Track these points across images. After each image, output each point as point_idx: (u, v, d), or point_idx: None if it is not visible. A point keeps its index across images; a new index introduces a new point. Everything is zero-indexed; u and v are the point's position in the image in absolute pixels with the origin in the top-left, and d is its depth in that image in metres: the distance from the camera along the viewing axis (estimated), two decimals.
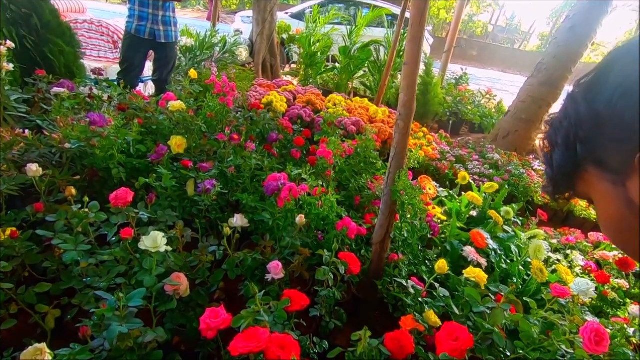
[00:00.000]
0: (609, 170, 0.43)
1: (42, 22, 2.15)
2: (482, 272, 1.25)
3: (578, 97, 0.45)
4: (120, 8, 14.85)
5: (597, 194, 0.46)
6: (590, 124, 0.43)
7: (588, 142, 0.44)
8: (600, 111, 0.42)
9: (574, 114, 0.45)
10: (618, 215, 0.44)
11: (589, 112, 0.43)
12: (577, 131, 0.45)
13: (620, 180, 0.42)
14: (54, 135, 1.46)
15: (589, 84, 0.44)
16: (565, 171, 0.48)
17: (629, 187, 0.41)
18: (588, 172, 0.46)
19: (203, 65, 3.44)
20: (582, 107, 0.44)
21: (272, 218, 1.42)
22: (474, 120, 5.26)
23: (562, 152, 0.47)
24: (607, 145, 0.43)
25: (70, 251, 1.05)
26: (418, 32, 1.17)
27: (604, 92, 0.42)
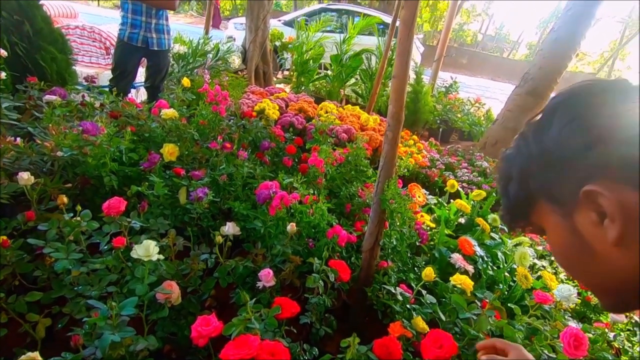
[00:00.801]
0: (558, 203, 0.47)
1: (34, 28, 2.16)
2: (468, 279, 1.28)
3: (528, 135, 0.49)
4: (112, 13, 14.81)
5: (549, 224, 0.50)
6: (540, 161, 0.47)
7: (539, 177, 0.48)
8: (548, 149, 0.46)
9: (525, 151, 0.49)
10: (567, 244, 0.48)
11: (538, 150, 0.47)
12: (528, 167, 0.49)
13: (569, 213, 0.46)
14: (45, 144, 1.46)
15: (537, 124, 0.49)
16: (519, 203, 0.52)
17: (576, 219, 0.45)
18: (540, 204, 0.49)
19: (195, 73, 3.46)
20: (532, 145, 0.48)
21: (263, 226, 1.44)
22: (463, 128, 5.35)
23: (516, 186, 0.51)
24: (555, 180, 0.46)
25: (62, 260, 1.05)
26: (406, 47, 1.21)
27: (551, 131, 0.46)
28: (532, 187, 0.49)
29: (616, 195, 0.40)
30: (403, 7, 1.25)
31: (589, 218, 0.43)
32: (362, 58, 5.03)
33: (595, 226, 0.43)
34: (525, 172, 0.50)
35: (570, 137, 0.44)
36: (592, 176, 0.42)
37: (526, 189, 0.50)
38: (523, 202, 0.51)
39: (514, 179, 0.52)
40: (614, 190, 0.41)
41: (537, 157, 0.48)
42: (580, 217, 0.45)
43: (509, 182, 0.53)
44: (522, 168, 0.50)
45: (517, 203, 0.52)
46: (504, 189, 0.54)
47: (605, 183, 0.41)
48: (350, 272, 1.34)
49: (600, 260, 0.44)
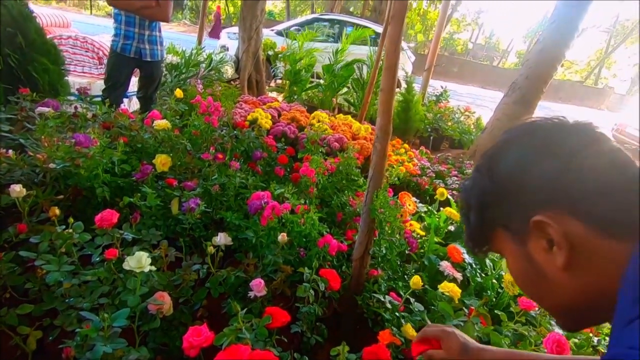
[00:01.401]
0: (513, 232, 0.51)
1: (27, 40, 2.17)
2: (456, 286, 1.31)
3: (483, 169, 0.53)
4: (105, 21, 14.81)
5: (506, 251, 0.54)
6: (494, 193, 0.51)
7: (494, 208, 0.52)
8: (501, 182, 0.51)
9: (480, 183, 0.53)
10: (522, 269, 0.52)
11: (492, 184, 0.51)
12: (484, 199, 0.53)
13: (522, 240, 0.50)
14: (38, 155, 1.47)
15: (491, 158, 0.53)
16: (479, 231, 0.56)
17: (529, 246, 0.49)
18: (497, 232, 0.53)
19: (188, 82, 3.49)
20: (486, 178, 0.52)
21: (255, 236, 1.46)
22: (454, 136, 5.43)
23: (474, 215, 0.55)
24: (509, 211, 0.51)
25: (54, 272, 1.06)
26: (393, 61, 1.25)
27: (504, 166, 0.50)
28: (489, 217, 0.53)
29: (562, 225, 0.45)
30: (390, 23, 1.29)
31: (540, 245, 0.48)
32: (354, 68, 5.11)
33: (546, 253, 0.47)
34: (481, 203, 0.53)
35: (521, 171, 0.49)
36: (540, 207, 0.46)
37: (484, 218, 0.54)
38: (482, 230, 0.55)
39: (472, 209, 0.55)
40: (560, 220, 0.45)
41: (491, 190, 0.52)
42: (532, 244, 0.49)
43: (468, 212, 0.56)
44: (479, 199, 0.54)
45: (476, 231, 0.56)
46: (465, 218, 0.58)
47: (553, 214, 0.46)
48: (341, 280, 1.36)
49: (552, 284, 0.48)
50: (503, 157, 0.51)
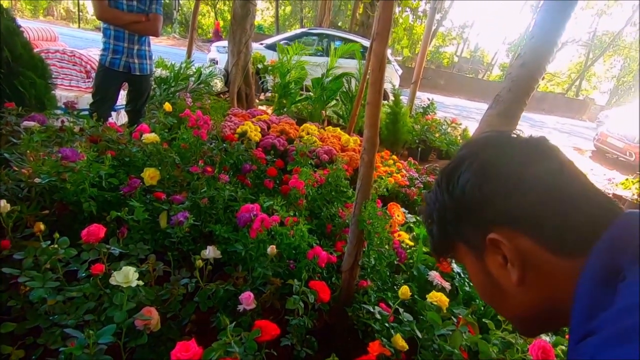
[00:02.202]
0: (471, 247, 0.53)
1: (13, 55, 2.16)
2: (444, 296, 1.32)
3: (443, 185, 0.54)
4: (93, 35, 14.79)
5: (467, 263, 0.56)
6: (452, 209, 0.53)
7: (453, 223, 0.54)
8: (457, 198, 0.52)
9: (440, 198, 0.54)
10: (482, 282, 0.54)
11: (449, 199, 0.53)
12: (444, 214, 0.54)
13: (480, 255, 0.52)
14: (23, 170, 1.45)
15: (448, 174, 0.54)
16: (441, 243, 0.57)
17: (486, 261, 0.51)
18: (458, 245, 0.55)
19: (177, 96, 3.49)
20: (445, 194, 0.53)
21: (244, 249, 1.46)
22: (441, 147, 5.53)
23: (437, 228, 0.57)
24: (466, 227, 0.52)
25: (38, 288, 1.04)
26: (378, 77, 1.29)
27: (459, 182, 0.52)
28: (450, 231, 0.55)
29: (514, 242, 0.47)
30: (375, 39, 1.33)
31: (496, 261, 0.49)
32: (343, 81, 5.19)
33: (502, 268, 0.49)
34: (442, 218, 0.55)
35: (475, 188, 0.50)
36: (494, 225, 0.48)
37: (445, 232, 0.55)
38: (444, 243, 0.57)
39: (434, 222, 0.57)
40: (513, 238, 0.47)
41: (449, 206, 0.53)
42: (489, 259, 0.51)
43: (431, 224, 0.58)
44: (439, 214, 0.55)
45: (439, 243, 0.58)
46: (428, 229, 0.60)
47: (506, 231, 0.47)
48: (331, 292, 1.36)
49: (508, 297, 0.50)
50: (459, 174, 0.52)
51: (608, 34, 27.24)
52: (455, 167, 0.53)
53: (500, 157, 0.50)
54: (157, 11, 2.51)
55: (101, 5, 2.31)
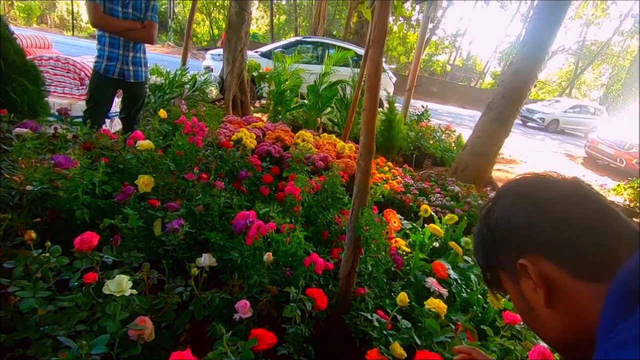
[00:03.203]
0: (508, 274, 0.58)
1: (6, 61, 2.14)
2: (442, 302, 1.32)
3: (482, 219, 0.61)
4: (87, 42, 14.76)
5: (508, 289, 0.60)
6: (490, 240, 0.59)
7: (492, 252, 0.59)
8: (493, 230, 0.58)
9: (481, 232, 0.61)
10: (521, 306, 0.58)
11: (487, 231, 0.59)
12: (484, 245, 0.61)
13: (516, 280, 0.56)
14: (14, 178, 1.43)
15: (487, 210, 0.61)
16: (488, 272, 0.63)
17: (521, 285, 0.56)
18: (500, 273, 0.60)
19: (172, 103, 3.48)
20: (484, 227, 0.60)
21: (240, 256, 1.44)
22: (435, 154, 5.56)
23: (482, 259, 0.63)
24: (501, 255, 0.58)
25: (28, 298, 1.02)
26: (374, 83, 1.29)
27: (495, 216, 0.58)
28: (490, 261, 0.61)
29: (538, 267, 0.52)
30: (371, 47, 1.34)
31: (528, 285, 0.54)
32: (338, 88, 5.22)
33: (533, 291, 0.53)
34: (484, 249, 0.61)
35: (505, 219, 0.57)
36: (523, 252, 0.54)
37: (487, 261, 0.61)
38: (490, 273, 0.62)
39: (479, 252, 0.63)
40: (537, 263, 0.52)
41: (487, 237, 0.60)
42: (523, 284, 0.55)
43: (478, 256, 0.64)
44: (482, 245, 0.62)
45: (486, 273, 0.63)
46: (477, 261, 0.66)
47: (531, 257, 0.52)
48: (328, 299, 1.35)
49: (542, 320, 0.54)
50: (495, 208, 0.59)
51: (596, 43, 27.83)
52: (492, 203, 0.61)
53: (526, 192, 0.57)
54: (153, 18, 2.51)
55: (96, 12, 2.31)
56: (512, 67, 4.45)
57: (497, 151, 4.70)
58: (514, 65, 4.44)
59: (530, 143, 11.50)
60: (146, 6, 2.48)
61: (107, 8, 2.34)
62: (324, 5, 14.50)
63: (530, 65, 4.29)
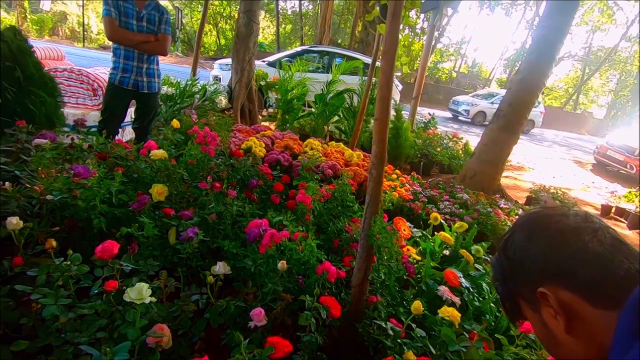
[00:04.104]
0: (528, 302, 0.61)
1: (25, 74, 2.21)
2: (455, 311, 1.31)
3: (501, 249, 0.64)
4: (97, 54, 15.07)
5: (528, 317, 0.63)
6: (509, 269, 0.62)
7: (512, 281, 0.62)
8: (512, 260, 0.61)
9: (499, 261, 0.64)
10: (542, 333, 0.61)
11: (506, 261, 0.62)
12: (504, 274, 0.64)
13: (537, 308, 0.59)
14: (35, 187, 1.46)
15: (505, 241, 0.64)
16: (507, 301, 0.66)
17: (542, 313, 0.58)
18: (520, 302, 0.63)
19: (183, 113, 3.54)
20: (503, 257, 0.63)
21: (253, 264, 1.45)
22: (443, 161, 5.56)
23: (502, 288, 0.65)
24: (521, 284, 0.61)
25: (50, 306, 1.04)
26: (386, 93, 1.32)
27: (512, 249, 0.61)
28: (510, 289, 0.63)
29: (557, 295, 0.55)
30: (382, 58, 1.37)
31: (548, 313, 0.57)
32: (345, 97, 5.27)
33: (553, 319, 0.56)
34: (503, 278, 0.64)
35: (523, 250, 0.60)
36: (542, 281, 0.57)
37: (507, 290, 0.64)
38: (510, 301, 0.65)
39: (499, 281, 0.65)
40: (556, 291, 0.55)
41: (507, 267, 0.62)
42: (544, 312, 0.58)
43: (497, 285, 0.67)
44: (501, 275, 0.64)
45: (506, 301, 0.66)
46: (496, 289, 0.68)
47: (551, 286, 0.55)
48: (341, 308, 1.35)
49: (563, 346, 0.56)
50: (513, 240, 0.62)
51: (603, 50, 27.70)
52: (511, 234, 0.63)
53: (542, 225, 0.60)
54: (166, 31, 2.58)
55: (112, 26, 2.38)
56: (519, 75, 4.46)
57: (505, 158, 4.68)
58: (520, 73, 4.45)
59: (537, 150, 11.43)
60: (160, 20, 2.55)
61: (123, 22, 2.41)
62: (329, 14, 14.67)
63: (537, 73, 4.29)
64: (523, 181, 6.64)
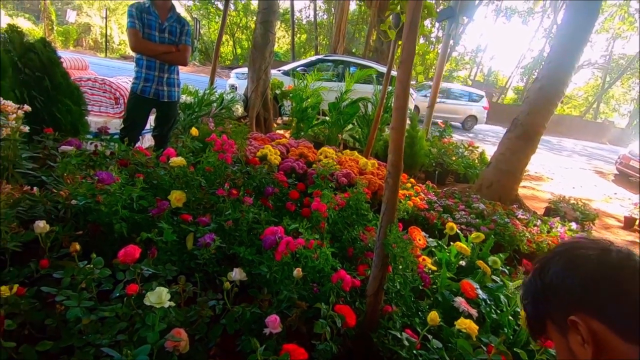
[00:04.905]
0: (557, 325, 0.63)
1: (53, 83, 2.31)
2: (472, 323, 1.29)
3: (537, 271, 0.67)
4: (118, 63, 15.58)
5: (554, 340, 0.65)
6: (543, 293, 0.65)
7: (543, 304, 0.65)
8: (547, 285, 0.64)
9: (534, 283, 0.67)
10: (566, 357, 0.62)
11: (541, 285, 0.65)
12: (536, 296, 0.66)
13: (564, 333, 0.61)
14: (60, 192, 1.52)
15: (542, 265, 0.67)
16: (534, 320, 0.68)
17: (569, 338, 0.60)
18: (548, 323, 0.65)
19: (201, 121, 3.62)
20: (538, 280, 0.66)
21: (269, 271, 1.46)
22: (458, 170, 5.49)
23: (531, 307, 0.68)
24: (553, 308, 0.63)
25: (74, 308, 1.07)
26: (402, 103, 1.32)
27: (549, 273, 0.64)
28: (540, 310, 0.66)
29: (588, 324, 0.57)
30: (399, 68, 1.38)
31: (576, 340, 0.58)
32: (359, 105, 5.29)
33: (581, 346, 0.57)
34: (535, 299, 0.67)
35: (560, 278, 0.62)
36: (575, 309, 0.59)
37: (537, 310, 0.67)
38: (537, 320, 0.67)
39: (530, 302, 0.68)
40: (588, 321, 0.57)
41: (541, 290, 0.65)
42: (571, 337, 0.60)
43: (526, 304, 0.69)
44: (533, 296, 0.67)
45: (533, 320, 0.68)
46: (525, 308, 0.70)
47: (582, 315, 0.58)
48: (356, 317, 1.35)
49: None
50: (551, 265, 0.65)
51: (625, 57, 27.03)
52: (548, 259, 0.66)
53: (583, 256, 0.62)
54: (187, 42, 2.66)
55: (136, 37, 2.47)
56: (537, 83, 4.39)
57: (522, 168, 4.59)
58: (539, 81, 4.38)
59: (557, 159, 11.17)
60: (181, 31, 2.63)
61: (146, 33, 2.51)
62: (344, 24, 14.82)
63: (556, 81, 4.22)
64: (542, 191, 6.49)
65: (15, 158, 1.67)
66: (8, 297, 1.06)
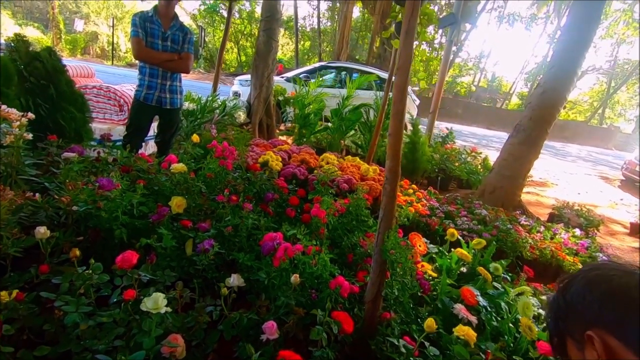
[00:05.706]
0: (575, 341, 0.65)
1: (57, 91, 2.35)
2: (471, 330, 1.28)
3: (559, 291, 0.71)
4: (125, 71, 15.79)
5: (571, 355, 0.67)
6: (564, 310, 0.68)
7: (564, 320, 0.68)
8: (569, 303, 0.67)
9: (557, 301, 0.71)
10: None
11: (563, 302, 0.70)
12: (558, 313, 0.70)
13: (582, 348, 0.63)
14: (62, 199, 1.54)
15: (566, 284, 0.70)
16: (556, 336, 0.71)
17: (586, 354, 0.62)
18: (568, 340, 0.67)
19: (203, 127, 3.65)
20: (560, 298, 0.69)
21: (267, 277, 1.47)
22: (461, 176, 5.47)
23: (553, 324, 0.71)
24: (572, 324, 0.66)
25: (72, 313, 1.08)
26: (399, 108, 1.33)
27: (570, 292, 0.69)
28: (561, 327, 0.69)
29: (604, 340, 0.59)
30: (397, 74, 1.39)
31: (592, 355, 0.61)
32: (361, 112, 5.31)
33: None
34: (556, 316, 0.70)
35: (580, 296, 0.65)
36: (592, 325, 0.61)
37: (558, 326, 0.70)
38: (558, 337, 0.70)
39: (552, 319, 0.71)
40: (604, 337, 0.59)
41: (562, 306, 0.69)
42: (587, 353, 0.62)
43: (549, 321, 0.72)
44: (555, 314, 0.71)
45: (554, 338, 0.72)
46: (547, 325, 0.74)
47: (600, 331, 0.60)
48: (354, 323, 1.34)
49: None
50: (573, 284, 0.68)
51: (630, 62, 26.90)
52: (572, 278, 0.70)
53: (602, 276, 0.65)
54: (189, 50, 2.70)
55: (139, 46, 2.52)
56: (540, 88, 4.39)
57: (526, 174, 4.57)
58: (541, 87, 4.38)
59: (561, 165, 11.10)
60: (183, 39, 2.67)
61: (149, 42, 2.55)
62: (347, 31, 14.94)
63: (559, 87, 4.22)
64: (546, 197, 6.44)
65: (19, 165, 1.69)
66: (7, 303, 1.07)
